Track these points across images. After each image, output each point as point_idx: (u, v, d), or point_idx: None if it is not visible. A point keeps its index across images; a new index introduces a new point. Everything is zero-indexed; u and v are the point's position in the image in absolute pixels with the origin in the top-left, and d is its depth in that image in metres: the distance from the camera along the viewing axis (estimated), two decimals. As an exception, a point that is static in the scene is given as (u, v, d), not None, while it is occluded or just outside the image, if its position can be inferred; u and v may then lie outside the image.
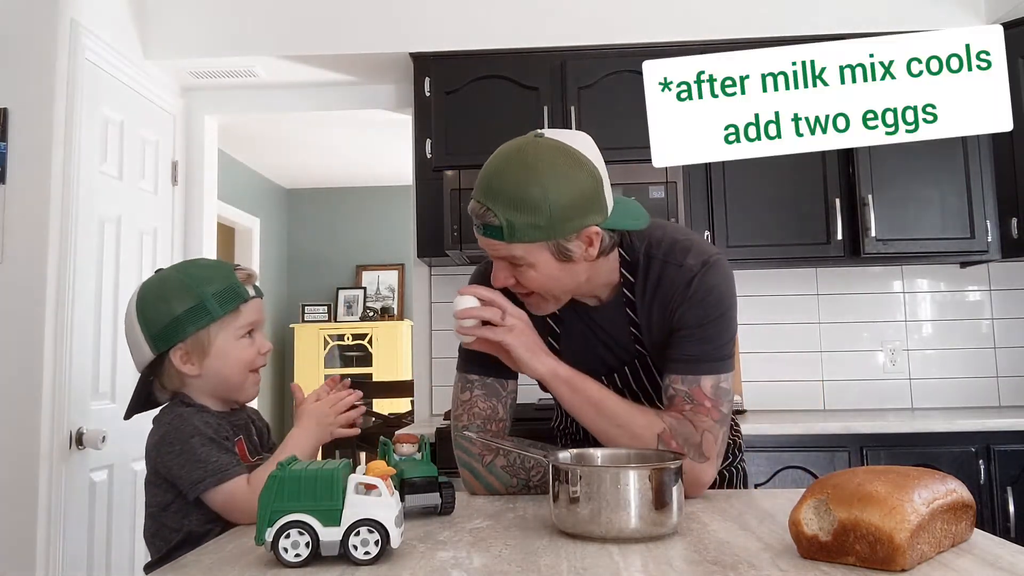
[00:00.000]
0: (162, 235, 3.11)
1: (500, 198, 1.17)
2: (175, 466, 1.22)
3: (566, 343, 1.38)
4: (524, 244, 1.18)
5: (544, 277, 1.22)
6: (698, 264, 1.26)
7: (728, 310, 1.28)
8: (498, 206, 1.16)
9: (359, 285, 6.54)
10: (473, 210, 1.21)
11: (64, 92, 2.50)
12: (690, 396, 1.25)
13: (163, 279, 1.32)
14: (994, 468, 2.51)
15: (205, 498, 1.20)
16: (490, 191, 1.18)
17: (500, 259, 1.23)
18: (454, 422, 1.38)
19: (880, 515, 0.79)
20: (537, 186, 1.15)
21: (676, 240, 1.31)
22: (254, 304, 1.34)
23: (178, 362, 1.28)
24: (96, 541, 2.57)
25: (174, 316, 1.26)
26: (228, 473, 1.20)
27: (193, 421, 1.25)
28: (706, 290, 1.25)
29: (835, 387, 3.16)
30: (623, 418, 1.24)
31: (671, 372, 1.27)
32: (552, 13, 3.07)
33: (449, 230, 2.83)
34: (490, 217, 1.18)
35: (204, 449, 1.21)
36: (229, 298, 1.29)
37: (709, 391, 1.25)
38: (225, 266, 1.35)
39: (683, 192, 2.79)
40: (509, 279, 1.24)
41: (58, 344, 2.41)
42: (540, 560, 0.88)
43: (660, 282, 1.28)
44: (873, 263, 3.10)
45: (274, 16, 3.12)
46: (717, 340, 1.26)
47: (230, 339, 1.30)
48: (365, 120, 4.65)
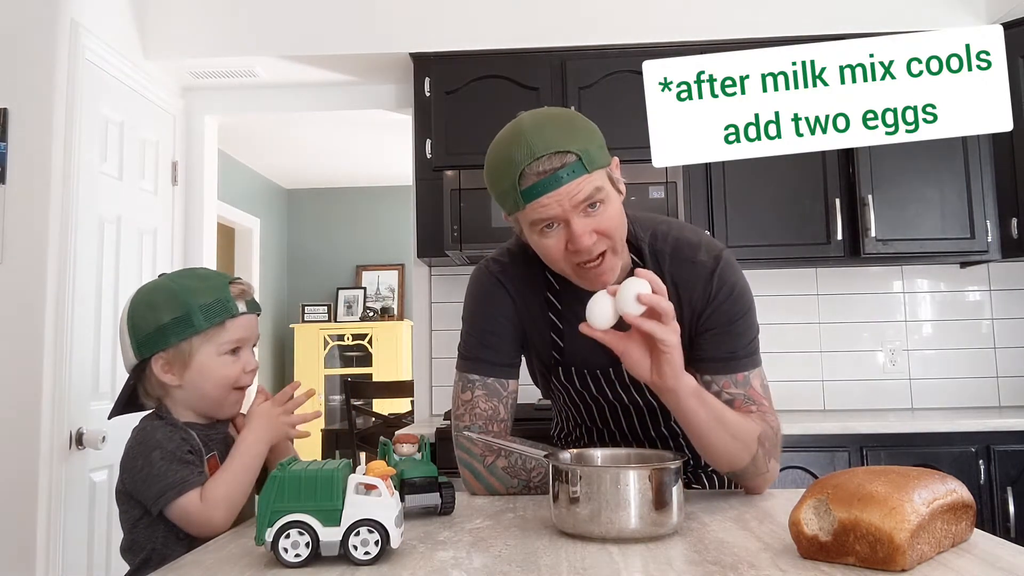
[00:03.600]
0: (162, 235, 3.11)
1: (560, 139, 1.16)
2: (138, 481, 1.21)
3: (569, 338, 1.37)
4: (599, 171, 1.19)
5: (616, 211, 1.22)
6: (711, 260, 1.30)
7: (752, 304, 1.32)
8: (565, 144, 1.15)
9: (359, 285, 6.54)
10: (535, 169, 1.15)
11: (64, 92, 2.50)
12: (749, 398, 1.28)
13: (156, 286, 1.31)
14: (994, 468, 2.51)
15: (166, 513, 1.19)
16: (543, 140, 1.16)
17: (579, 208, 1.17)
18: (455, 422, 1.38)
19: (880, 515, 0.79)
20: (579, 120, 1.21)
21: (681, 234, 1.34)
22: (243, 320, 1.30)
23: (158, 371, 1.27)
24: (96, 541, 2.57)
25: (159, 324, 1.25)
26: (184, 486, 1.18)
27: (156, 436, 1.23)
28: (728, 288, 1.29)
29: (835, 387, 3.16)
30: (737, 427, 1.19)
31: (715, 372, 1.29)
32: (552, 13, 3.07)
33: (449, 230, 2.83)
34: (563, 157, 1.15)
35: (163, 464, 1.19)
36: (216, 312, 1.26)
37: (760, 390, 1.30)
38: (220, 278, 1.32)
39: (683, 192, 2.79)
40: (592, 233, 1.19)
41: (58, 344, 2.41)
42: (540, 560, 0.88)
43: (674, 276, 1.30)
44: (873, 263, 3.10)
45: (274, 16, 3.12)
46: (747, 334, 1.30)
47: (212, 354, 1.27)
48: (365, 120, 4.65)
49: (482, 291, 1.40)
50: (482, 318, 1.38)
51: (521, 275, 1.37)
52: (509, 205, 1.21)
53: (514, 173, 1.16)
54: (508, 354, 1.38)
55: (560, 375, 1.40)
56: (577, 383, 1.39)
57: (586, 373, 1.38)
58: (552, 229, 1.20)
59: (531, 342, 1.40)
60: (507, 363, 1.38)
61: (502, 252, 1.42)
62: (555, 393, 1.47)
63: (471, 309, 1.41)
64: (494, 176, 1.22)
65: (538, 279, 1.38)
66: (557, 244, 1.21)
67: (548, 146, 1.15)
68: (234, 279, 1.33)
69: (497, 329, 1.37)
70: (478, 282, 1.42)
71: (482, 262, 1.44)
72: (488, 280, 1.40)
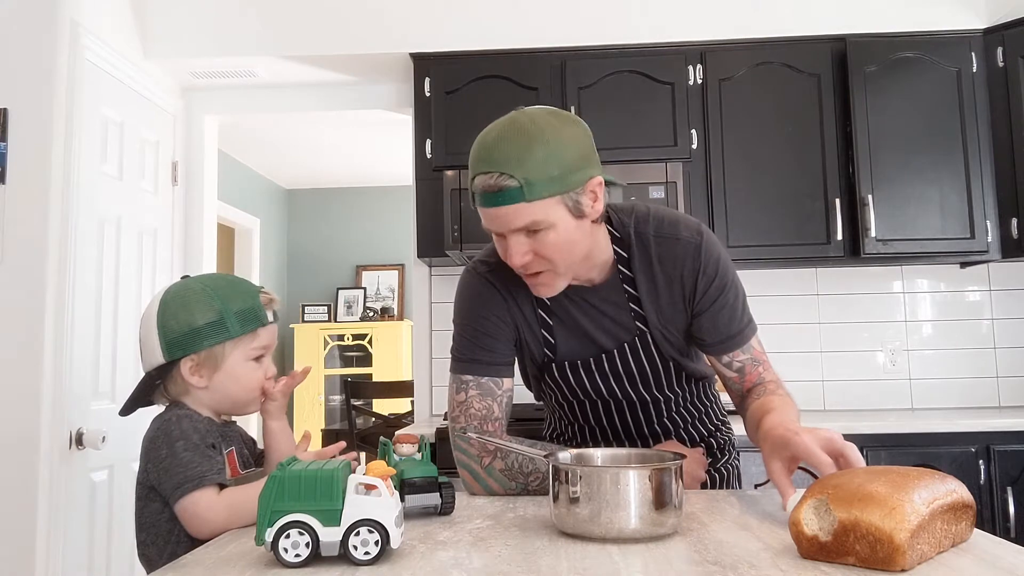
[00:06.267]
0: (162, 235, 3.11)
1: (510, 161, 1.15)
2: (161, 471, 1.20)
3: (561, 334, 1.38)
4: (543, 201, 1.17)
5: (563, 239, 1.21)
6: (694, 235, 1.34)
7: (734, 271, 1.38)
8: (511, 167, 1.15)
9: (359, 285, 6.54)
10: (481, 183, 1.17)
11: (64, 92, 2.50)
12: (755, 360, 1.38)
13: (188, 288, 1.31)
14: (994, 468, 2.51)
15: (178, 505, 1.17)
16: (497, 158, 1.16)
17: (516, 231, 1.20)
18: (451, 424, 1.38)
19: (880, 515, 0.79)
20: (541, 143, 1.16)
21: (661, 214, 1.38)
22: (271, 329, 1.35)
23: (187, 372, 1.28)
24: (96, 541, 2.57)
25: (193, 327, 1.26)
26: (202, 481, 1.16)
27: (182, 425, 1.23)
28: (715, 262, 1.34)
29: (835, 387, 3.16)
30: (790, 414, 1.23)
31: (726, 352, 1.37)
32: (552, 13, 3.07)
33: (449, 230, 2.83)
34: (505, 180, 1.15)
35: (186, 454, 1.19)
36: (250, 319, 1.30)
37: (758, 346, 1.40)
38: (251, 286, 1.36)
39: (683, 192, 2.79)
40: (527, 254, 1.21)
41: (58, 344, 2.42)
42: (540, 560, 0.88)
43: (661, 258, 1.33)
44: (873, 263, 3.10)
45: (274, 16, 3.13)
46: (738, 303, 1.37)
47: (241, 360, 1.30)
48: (365, 120, 4.66)
49: (473, 292, 1.40)
50: (474, 319, 1.38)
51: (510, 274, 1.37)
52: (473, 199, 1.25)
53: (472, 173, 1.21)
54: (502, 353, 1.38)
55: (553, 371, 1.40)
56: (571, 379, 1.40)
57: (579, 365, 1.38)
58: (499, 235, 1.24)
59: (524, 341, 1.41)
60: (501, 362, 1.38)
61: (489, 252, 1.42)
62: (547, 392, 1.47)
63: (463, 311, 1.41)
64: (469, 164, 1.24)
65: None
66: (502, 249, 1.26)
67: (495, 164, 1.16)
68: (261, 288, 1.37)
69: (490, 329, 1.37)
70: (468, 284, 1.42)
71: (470, 264, 1.44)
72: (478, 281, 1.40)
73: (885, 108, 2.89)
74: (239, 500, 1.15)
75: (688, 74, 2.94)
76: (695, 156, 2.91)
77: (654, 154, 2.87)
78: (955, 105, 2.89)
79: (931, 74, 2.91)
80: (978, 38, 2.93)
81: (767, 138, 2.93)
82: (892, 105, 2.89)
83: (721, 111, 2.93)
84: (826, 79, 2.94)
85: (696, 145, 2.92)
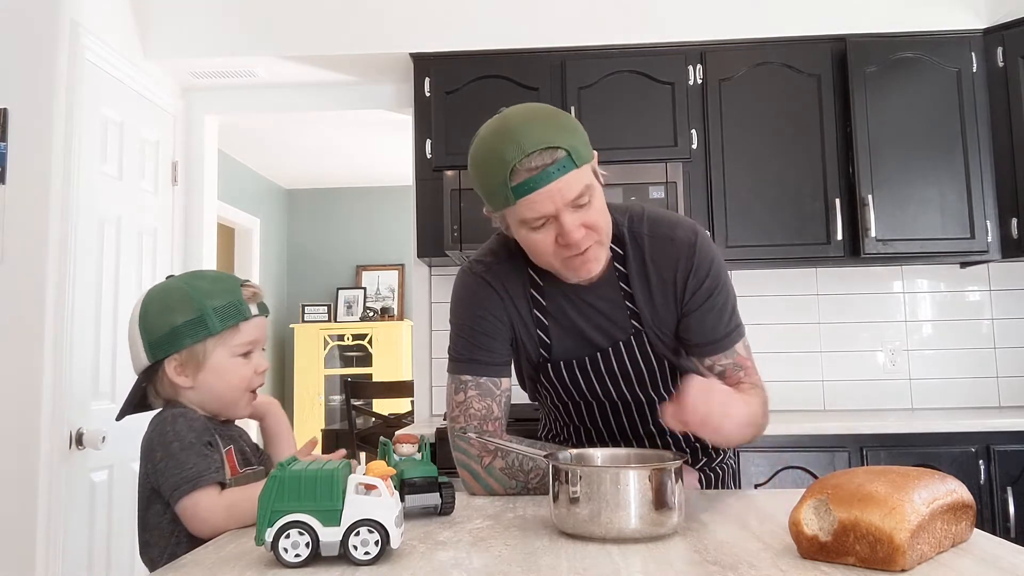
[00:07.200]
0: (162, 235, 3.11)
1: (549, 134, 1.17)
2: (159, 472, 1.19)
3: (556, 332, 1.38)
4: (586, 166, 1.21)
5: (602, 207, 1.25)
6: (689, 235, 1.34)
7: (727, 275, 1.38)
8: (555, 139, 1.16)
9: (359, 285, 6.54)
10: (526, 166, 1.16)
11: (64, 92, 2.50)
12: (738, 366, 1.35)
13: (168, 288, 1.30)
14: (994, 468, 2.51)
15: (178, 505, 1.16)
16: (537, 136, 1.16)
17: (570, 205, 1.19)
18: (450, 424, 1.38)
19: (880, 515, 0.79)
20: (563, 115, 1.22)
21: (656, 214, 1.38)
22: (256, 323, 1.32)
23: (172, 372, 1.27)
24: (96, 541, 2.57)
25: (173, 326, 1.25)
26: (200, 481, 1.15)
27: (176, 425, 1.22)
28: (708, 262, 1.33)
29: (835, 387, 3.16)
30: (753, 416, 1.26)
31: (709, 354, 1.35)
32: (552, 13, 3.07)
33: (449, 230, 2.83)
34: (554, 153, 1.16)
35: (182, 454, 1.18)
36: (230, 314, 1.28)
37: (744, 351, 1.37)
38: (232, 281, 1.33)
39: (683, 192, 2.79)
40: (581, 227, 1.21)
41: (58, 344, 2.41)
42: (540, 560, 0.88)
43: (655, 257, 1.34)
44: (873, 263, 3.10)
45: (274, 16, 3.13)
46: (728, 307, 1.35)
47: (226, 356, 1.28)
48: (365, 120, 4.66)
49: (470, 292, 1.40)
50: (472, 319, 1.38)
51: (506, 274, 1.37)
52: (498, 202, 1.22)
53: (505, 170, 1.17)
54: (500, 353, 1.38)
55: (549, 371, 1.40)
56: (566, 379, 1.40)
57: (574, 365, 1.38)
58: (542, 224, 1.21)
59: (520, 340, 1.41)
60: (500, 362, 1.38)
61: (484, 252, 1.42)
62: (543, 393, 1.47)
63: (460, 311, 1.40)
64: (482, 173, 1.22)
65: (522, 277, 1.38)
66: (546, 239, 1.23)
67: (538, 142, 1.16)
68: (245, 282, 1.34)
69: (488, 329, 1.37)
70: (465, 284, 1.41)
71: (465, 264, 1.44)
72: (475, 281, 1.40)
73: (885, 108, 2.89)
74: (239, 500, 1.15)
75: (688, 74, 2.94)
76: (695, 156, 2.91)
77: (654, 154, 2.87)
78: (955, 105, 2.89)
79: (931, 74, 2.91)
80: (978, 38, 2.93)
81: (767, 138, 2.93)
82: (892, 105, 2.89)
83: (721, 111, 2.93)
84: (826, 79, 2.94)
85: (696, 145, 2.92)
